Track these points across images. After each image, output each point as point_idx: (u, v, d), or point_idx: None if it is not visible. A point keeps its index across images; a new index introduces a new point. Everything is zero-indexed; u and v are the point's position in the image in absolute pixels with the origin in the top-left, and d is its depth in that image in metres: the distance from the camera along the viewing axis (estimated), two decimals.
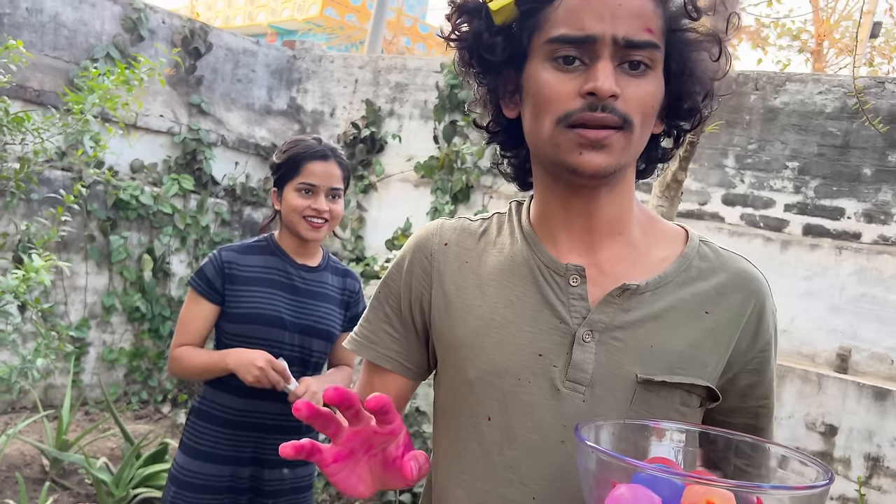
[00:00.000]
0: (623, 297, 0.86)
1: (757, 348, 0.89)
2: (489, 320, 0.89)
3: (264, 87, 5.99)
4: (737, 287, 0.88)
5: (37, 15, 4.60)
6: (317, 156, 1.88)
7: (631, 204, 0.91)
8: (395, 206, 5.28)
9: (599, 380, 0.84)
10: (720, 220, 4.20)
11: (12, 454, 4.10)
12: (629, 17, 0.79)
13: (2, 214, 4.29)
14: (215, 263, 1.90)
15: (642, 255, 0.90)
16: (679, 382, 0.84)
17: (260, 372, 1.74)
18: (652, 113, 0.83)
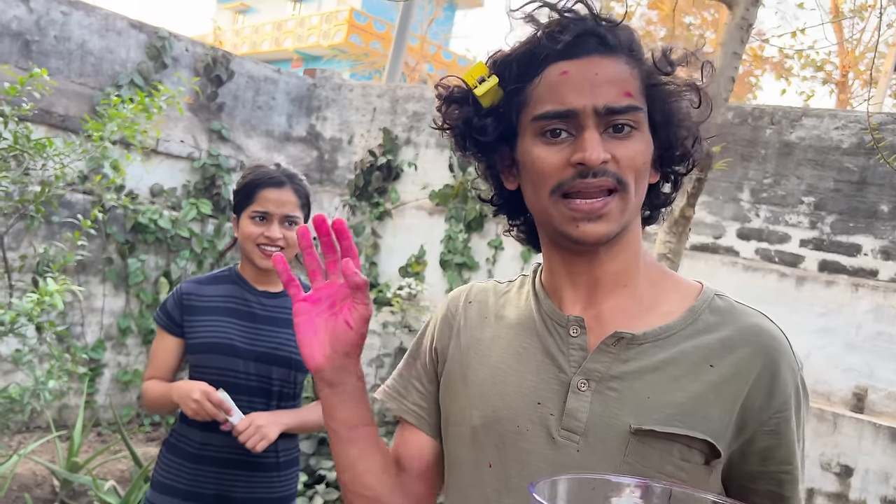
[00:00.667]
0: (620, 346, 0.86)
1: (773, 408, 0.85)
2: (497, 369, 0.92)
3: (284, 114, 6.08)
4: (745, 341, 0.86)
5: (64, 43, 4.73)
6: (271, 183, 1.82)
7: (636, 257, 0.91)
8: (410, 234, 5.31)
9: (593, 429, 0.84)
10: (735, 255, 4.16)
11: (24, 474, 4.13)
12: (607, 85, 0.82)
13: (23, 236, 4.38)
14: (175, 296, 1.88)
15: (647, 307, 0.89)
16: (674, 433, 0.82)
17: (196, 404, 1.69)
18: (644, 169, 0.85)
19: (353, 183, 5.61)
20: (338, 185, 5.95)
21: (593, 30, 0.84)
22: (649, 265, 0.93)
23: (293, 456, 1.92)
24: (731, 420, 0.84)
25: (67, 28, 4.74)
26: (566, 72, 0.83)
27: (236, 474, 1.81)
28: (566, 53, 0.83)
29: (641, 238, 0.92)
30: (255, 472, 1.83)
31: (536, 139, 0.86)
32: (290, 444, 1.91)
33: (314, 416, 1.92)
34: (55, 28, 4.68)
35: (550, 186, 0.84)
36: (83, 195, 4.62)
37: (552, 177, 0.84)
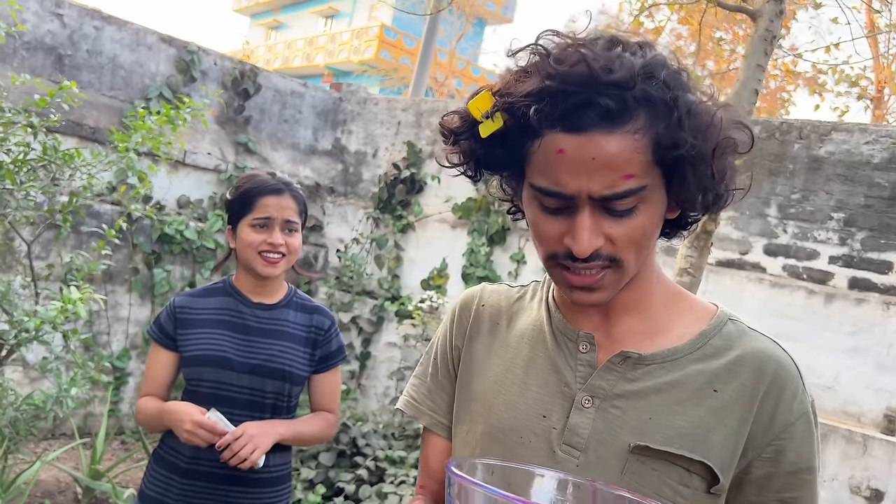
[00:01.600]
0: (626, 365, 0.85)
1: (773, 434, 0.83)
2: (504, 378, 0.92)
3: (310, 127, 6.14)
4: (750, 366, 0.84)
5: (96, 57, 4.84)
6: (270, 190, 1.80)
7: (649, 284, 0.89)
8: (432, 247, 5.31)
9: (593, 446, 0.84)
10: (761, 271, 4.08)
11: (48, 480, 4.18)
12: (603, 170, 0.75)
13: (52, 246, 4.46)
14: (169, 310, 1.86)
15: (660, 329, 0.88)
16: (672, 453, 0.81)
17: (189, 434, 1.67)
18: (646, 240, 0.82)
19: (377, 196, 5.63)
20: (362, 197, 5.98)
21: (595, 100, 0.73)
22: (664, 287, 0.91)
23: (286, 471, 1.89)
24: (736, 447, 0.82)
25: (99, 42, 4.84)
26: (562, 150, 0.76)
27: (227, 490, 1.78)
28: (565, 124, 0.75)
29: (655, 264, 0.90)
30: (247, 488, 1.80)
31: (534, 202, 0.83)
32: (283, 458, 1.88)
33: (310, 428, 1.88)
34: (87, 42, 4.79)
35: (546, 253, 0.83)
36: (111, 206, 4.69)
37: (548, 245, 0.83)
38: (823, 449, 3.50)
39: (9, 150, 2.97)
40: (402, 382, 5.04)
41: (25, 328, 2.91)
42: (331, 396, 1.95)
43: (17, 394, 3.35)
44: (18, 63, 4.47)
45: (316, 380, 1.92)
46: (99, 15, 4.87)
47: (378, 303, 5.38)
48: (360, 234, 5.68)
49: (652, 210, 0.80)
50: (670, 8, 5.18)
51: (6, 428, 3.15)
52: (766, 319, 3.92)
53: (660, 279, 0.91)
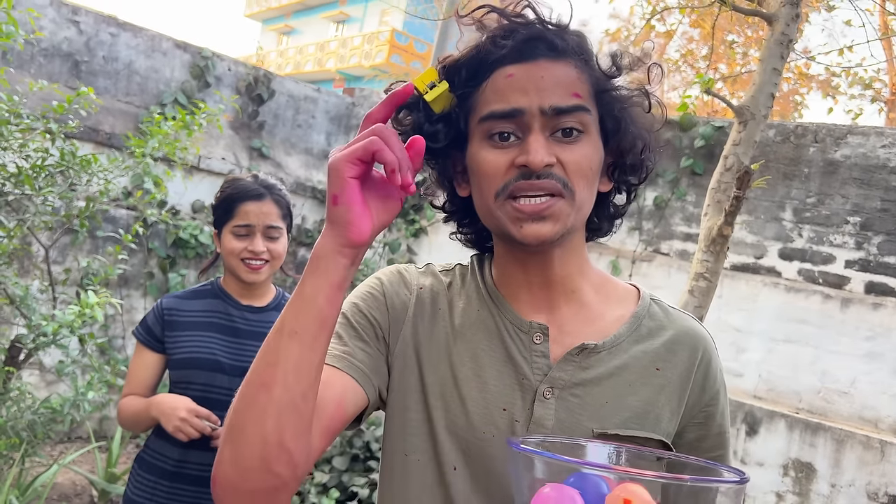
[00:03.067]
0: (582, 355, 0.89)
1: (703, 402, 0.93)
2: (457, 371, 0.90)
3: (323, 132, 6.16)
4: (684, 344, 0.92)
5: (112, 63, 4.88)
6: (250, 195, 1.78)
7: (582, 263, 0.93)
8: (444, 251, 5.31)
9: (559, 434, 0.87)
10: (776, 275, 4.06)
11: (64, 483, 4.22)
12: (553, 86, 0.83)
13: (69, 250, 4.50)
14: (156, 312, 1.84)
15: (597, 314, 0.93)
16: (632, 436, 0.86)
17: (181, 422, 1.65)
18: (591, 175, 0.86)
19: None
20: None
21: (540, 34, 0.84)
22: (591, 272, 0.95)
23: None
24: (675, 418, 0.91)
25: (115, 49, 4.89)
26: (512, 74, 0.84)
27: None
28: (513, 58, 0.84)
29: (584, 247, 0.94)
30: None
31: (484, 142, 0.86)
32: None
33: None
34: (104, 49, 4.84)
35: (496, 189, 0.84)
36: (126, 210, 4.73)
37: (497, 178, 0.84)
38: (840, 455, 3.47)
39: (28, 156, 3.01)
40: None
41: (43, 332, 2.93)
42: None
43: (35, 397, 3.38)
44: (36, 69, 4.52)
45: None
46: (115, 22, 4.92)
47: None
48: None
49: (594, 148, 0.85)
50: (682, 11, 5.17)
51: (24, 431, 3.18)
52: (782, 324, 3.90)
53: (588, 262, 0.95)
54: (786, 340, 3.89)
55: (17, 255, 3.33)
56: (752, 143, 2.53)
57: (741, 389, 4.05)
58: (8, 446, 3.09)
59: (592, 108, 0.85)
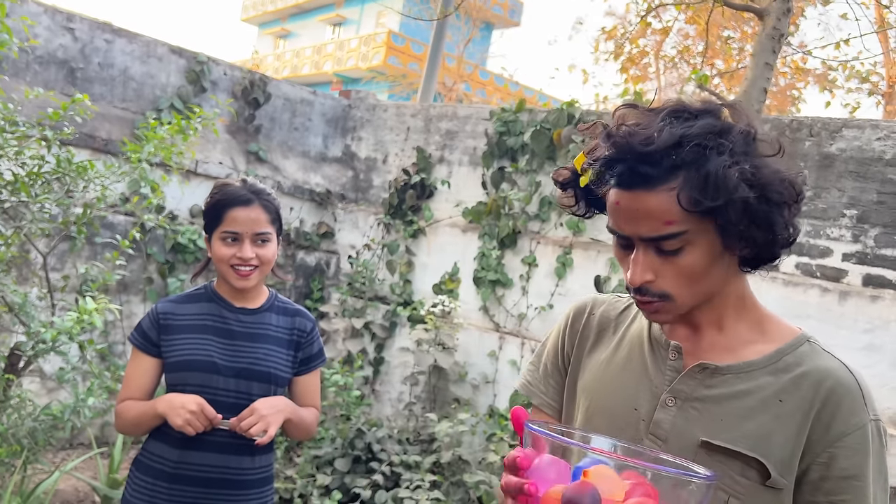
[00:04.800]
0: (704, 374, 1.01)
1: (826, 442, 0.95)
2: (605, 373, 1.11)
3: (320, 135, 6.17)
4: (811, 380, 0.97)
5: (107, 69, 4.89)
6: (239, 202, 1.78)
7: (733, 308, 1.04)
8: (444, 251, 5.31)
9: (672, 438, 1.00)
10: (774, 269, 4.06)
11: (67, 490, 4.22)
12: (647, 219, 0.94)
13: (68, 257, 4.51)
14: (151, 316, 1.85)
15: (741, 345, 1.02)
16: (734, 451, 0.96)
17: (191, 415, 1.67)
18: (697, 276, 0.97)
19: (388, 202, 5.65)
20: (373, 203, 6.00)
21: (636, 167, 0.93)
22: (750, 311, 1.05)
23: (269, 473, 1.91)
24: (794, 450, 0.96)
25: (111, 55, 4.89)
26: (618, 202, 0.97)
27: (214, 493, 1.79)
28: (618, 183, 0.96)
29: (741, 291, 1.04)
30: (233, 490, 1.81)
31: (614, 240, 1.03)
32: (267, 459, 1.90)
33: (307, 416, 1.92)
34: (99, 55, 4.84)
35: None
36: (124, 216, 4.74)
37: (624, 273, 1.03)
38: None
39: (24, 164, 3.01)
40: (416, 387, 5.05)
41: (42, 339, 2.94)
42: (314, 394, 1.99)
43: (35, 404, 3.38)
44: (32, 77, 4.53)
45: (298, 381, 1.95)
46: (110, 28, 4.93)
47: (390, 308, 5.39)
48: (371, 241, 5.70)
49: (699, 250, 0.95)
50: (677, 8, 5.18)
51: (25, 438, 3.18)
52: None
53: (745, 304, 1.05)
54: None
55: (16, 263, 3.33)
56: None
57: None
58: (9, 454, 3.10)
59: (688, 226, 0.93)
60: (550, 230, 4.85)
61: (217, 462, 1.79)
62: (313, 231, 5.95)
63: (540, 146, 4.85)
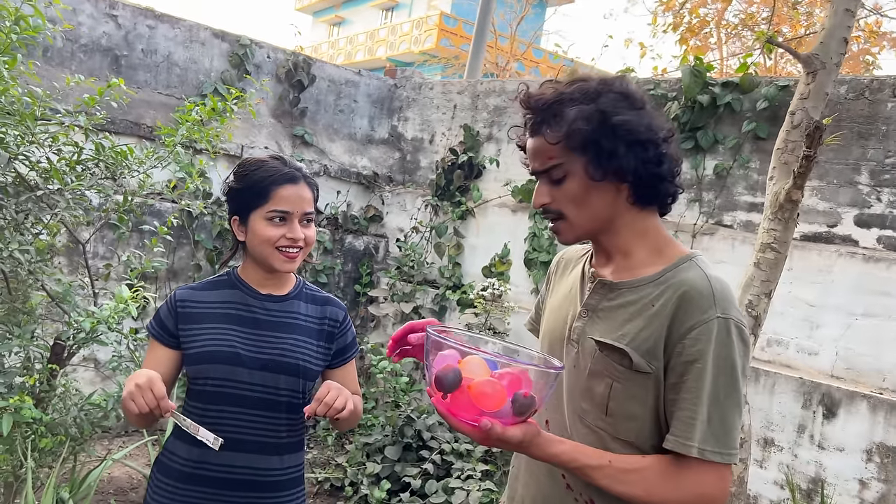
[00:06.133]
0: (605, 289, 1.30)
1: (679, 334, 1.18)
2: (555, 303, 1.45)
3: (366, 116, 6.04)
4: (675, 287, 1.21)
5: (151, 56, 4.85)
6: (286, 179, 1.66)
7: (637, 237, 1.30)
8: (493, 232, 5.12)
9: (582, 340, 1.30)
10: (853, 244, 3.73)
11: (121, 477, 4.24)
12: (537, 156, 1.28)
13: (117, 245, 4.51)
14: (169, 304, 1.71)
15: (639, 266, 1.28)
16: (611, 345, 1.23)
17: (136, 389, 1.43)
18: (580, 199, 1.26)
19: (435, 182, 5.48)
20: (420, 185, 5.84)
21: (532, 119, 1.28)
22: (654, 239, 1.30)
23: (299, 473, 1.76)
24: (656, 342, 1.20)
25: (154, 41, 4.86)
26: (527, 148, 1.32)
27: (241, 496, 1.65)
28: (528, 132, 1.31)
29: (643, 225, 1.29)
30: (257, 493, 1.67)
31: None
32: (296, 459, 1.75)
33: (358, 402, 1.76)
34: (142, 42, 4.81)
35: None
36: (172, 203, 4.71)
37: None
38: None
39: (59, 150, 2.96)
40: None
41: (81, 328, 2.89)
42: (353, 384, 1.83)
43: (82, 394, 3.37)
44: (77, 66, 4.52)
45: (335, 374, 1.79)
46: (152, 14, 4.89)
47: (440, 292, 5.24)
48: (419, 223, 5.55)
49: (577, 179, 1.24)
50: None
51: (72, 428, 3.17)
52: (861, 297, 3.58)
53: (647, 234, 1.29)
54: (865, 314, 3.57)
55: (59, 252, 3.31)
56: (822, 96, 2.26)
57: (816, 369, 3.75)
58: (55, 443, 3.08)
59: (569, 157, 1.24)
60: None
61: (242, 462, 1.66)
62: (361, 215, 5.84)
63: None
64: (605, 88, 1.23)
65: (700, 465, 1.16)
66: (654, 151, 1.22)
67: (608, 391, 1.23)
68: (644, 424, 1.22)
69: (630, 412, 1.22)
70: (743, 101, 4.17)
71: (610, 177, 1.22)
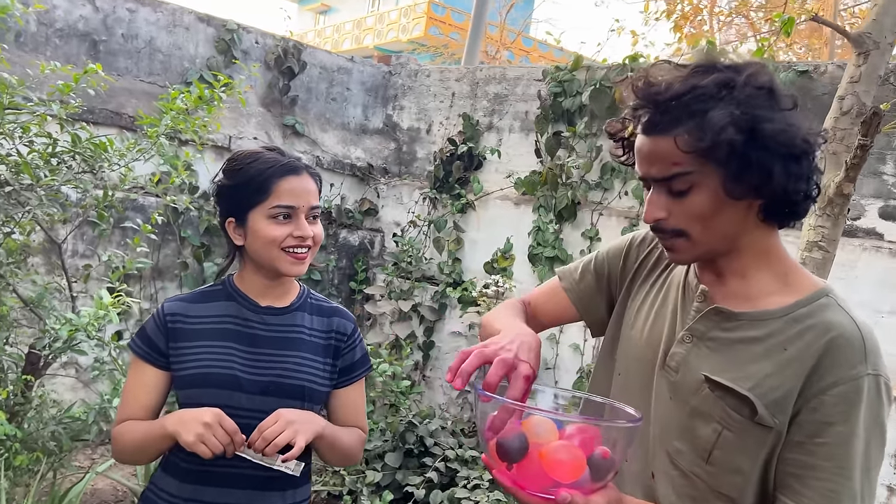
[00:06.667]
0: (721, 317, 1.09)
1: (819, 388, 0.99)
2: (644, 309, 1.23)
3: (360, 105, 5.79)
4: (817, 330, 1.01)
5: (132, 41, 4.58)
6: (287, 170, 1.46)
7: (758, 259, 1.09)
8: (495, 226, 4.90)
9: (682, 370, 1.10)
10: (877, 238, 3.54)
11: (105, 489, 4.01)
12: (657, 161, 1.04)
13: (97, 243, 4.25)
14: (157, 319, 1.50)
15: (762, 295, 1.08)
16: (730, 388, 1.03)
17: (205, 428, 1.32)
18: (706, 216, 1.04)
19: (433, 174, 5.24)
20: (417, 177, 5.61)
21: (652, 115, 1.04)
22: (778, 263, 1.10)
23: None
24: (788, 393, 1.00)
25: (134, 25, 4.58)
26: (639, 147, 1.08)
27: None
28: (642, 129, 1.06)
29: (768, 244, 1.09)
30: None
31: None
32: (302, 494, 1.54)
33: (346, 437, 1.54)
34: (122, 26, 4.53)
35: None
36: (156, 198, 4.45)
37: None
38: None
39: (31, 142, 2.71)
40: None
41: (58, 336, 2.66)
42: (357, 412, 1.61)
43: (60, 405, 3.13)
44: (52, 52, 4.25)
45: (338, 395, 1.58)
46: None
47: (439, 289, 5.02)
48: (416, 217, 5.32)
49: (706, 192, 1.02)
50: None
51: (49, 442, 2.93)
52: (888, 293, 3.40)
53: (770, 256, 1.10)
54: (893, 311, 3.39)
55: (35, 252, 3.07)
56: (874, 79, 2.06)
57: None
58: (31, 460, 2.85)
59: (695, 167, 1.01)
60: (614, 200, 4.39)
61: (239, 499, 1.44)
62: (355, 208, 5.60)
63: (600, 106, 4.38)
64: (749, 82, 1.00)
65: None
66: (807, 166, 1.02)
67: (716, 438, 1.05)
68: (749, 481, 1.05)
69: (736, 465, 1.04)
70: None
71: (751, 194, 1.02)
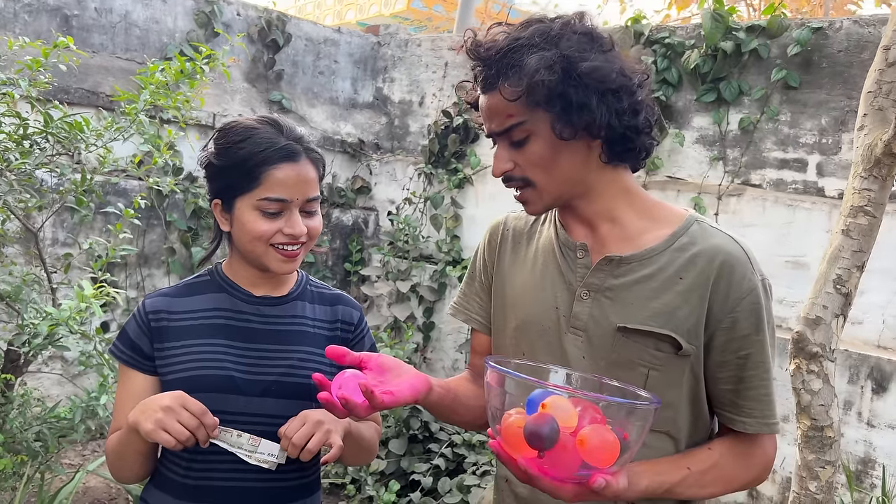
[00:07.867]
0: (611, 265, 1.14)
1: (727, 309, 1.09)
2: (526, 283, 1.24)
3: (348, 78, 5.56)
4: (705, 256, 1.10)
5: (106, 15, 4.33)
6: (282, 156, 1.25)
7: (617, 198, 1.16)
8: (494, 201, 4.71)
9: (591, 327, 1.15)
10: None
11: (98, 487, 3.85)
12: (494, 115, 1.13)
13: (79, 230, 4.04)
14: (139, 318, 1.33)
15: (636, 234, 1.15)
16: (647, 331, 1.10)
17: (165, 413, 1.13)
18: (548, 162, 1.11)
19: (428, 149, 5.04)
20: (410, 152, 5.40)
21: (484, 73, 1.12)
22: (639, 200, 1.18)
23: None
24: (698, 320, 1.10)
25: None
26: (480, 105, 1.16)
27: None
28: (480, 88, 1.15)
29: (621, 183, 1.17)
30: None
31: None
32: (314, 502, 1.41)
33: (367, 433, 1.38)
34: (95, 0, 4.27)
35: None
36: (139, 181, 4.23)
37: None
38: None
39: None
40: None
41: (38, 332, 2.47)
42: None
43: (44, 404, 2.95)
44: (21, 28, 3.99)
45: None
46: None
47: (438, 268, 4.85)
48: (412, 194, 5.12)
49: (542, 138, 1.09)
50: None
51: (35, 444, 2.75)
52: None
53: (631, 195, 1.17)
54: None
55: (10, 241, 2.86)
56: None
57: (861, 339, 3.44)
58: (16, 464, 2.67)
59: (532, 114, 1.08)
60: None
61: None
62: (347, 186, 5.40)
63: None
64: (567, 29, 1.08)
65: (767, 438, 1.15)
66: (629, 100, 1.08)
67: (643, 382, 1.10)
68: (679, 411, 1.14)
69: (667, 401, 1.09)
70: (770, 47, 3.78)
71: (581, 133, 1.08)
